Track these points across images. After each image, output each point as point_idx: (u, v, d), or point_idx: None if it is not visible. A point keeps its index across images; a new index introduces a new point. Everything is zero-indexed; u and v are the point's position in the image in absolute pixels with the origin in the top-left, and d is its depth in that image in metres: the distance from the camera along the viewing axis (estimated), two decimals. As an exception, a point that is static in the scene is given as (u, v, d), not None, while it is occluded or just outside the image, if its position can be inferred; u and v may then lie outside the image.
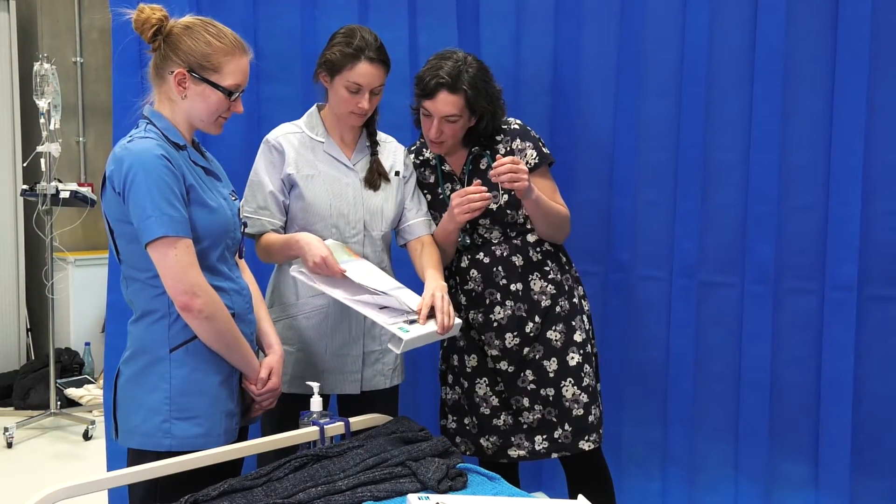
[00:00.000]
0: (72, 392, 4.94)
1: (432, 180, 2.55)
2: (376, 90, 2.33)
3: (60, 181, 4.84)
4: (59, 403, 4.75)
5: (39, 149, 4.67)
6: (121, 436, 2.00)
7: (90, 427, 4.51)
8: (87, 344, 5.34)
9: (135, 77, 2.57)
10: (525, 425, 2.48)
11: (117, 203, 1.92)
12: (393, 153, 2.49)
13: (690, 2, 2.72)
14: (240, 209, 2.14)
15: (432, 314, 2.21)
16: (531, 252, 2.50)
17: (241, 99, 2.03)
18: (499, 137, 2.50)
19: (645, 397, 2.90)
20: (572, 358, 2.47)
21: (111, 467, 2.61)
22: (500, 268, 2.48)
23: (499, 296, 2.48)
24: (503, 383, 2.49)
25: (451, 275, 2.55)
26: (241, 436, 2.11)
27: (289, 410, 2.26)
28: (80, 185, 5.04)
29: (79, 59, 5.72)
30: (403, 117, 2.82)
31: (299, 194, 2.35)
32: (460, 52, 2.43)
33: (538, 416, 2.47)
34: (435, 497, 1.80)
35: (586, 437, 2.46)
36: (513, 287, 2.47)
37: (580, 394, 2.46)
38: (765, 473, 2.75)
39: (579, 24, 2.87)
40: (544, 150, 2.51)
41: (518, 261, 2.48)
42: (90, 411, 4.78)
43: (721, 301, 2.78)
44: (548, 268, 2.50)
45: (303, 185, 2.34)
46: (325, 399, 2.41)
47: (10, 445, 4.39)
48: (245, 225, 2.20)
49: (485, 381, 2.51)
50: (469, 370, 2.52)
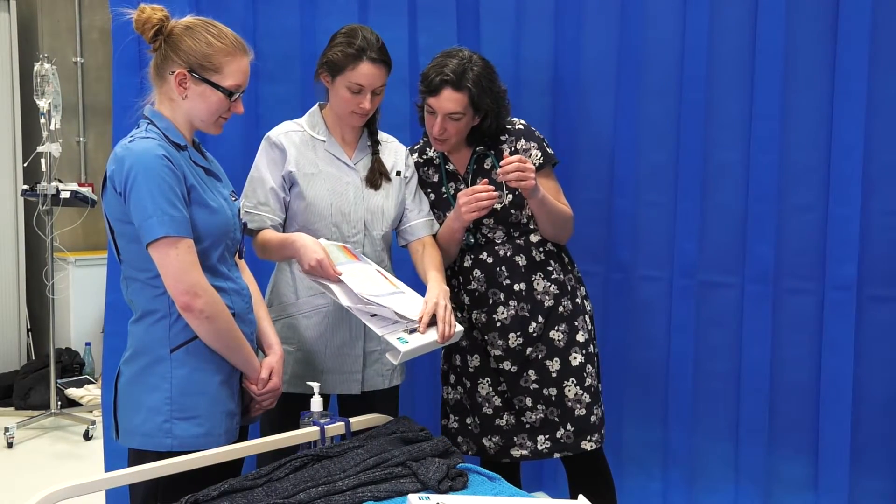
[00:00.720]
0: (72, 392, 4.94)
1: (436, 179, 2.54)
2: (378, 90, 2.33)
3: (61, 181, 4.84)
4: (59, 403, 4.75)
5: (40, 149, 4.67)
6: (121, 436, 2.00)
7: (90, 427, 4.51)
8: (88, 344, 5.34)
9: (134, 77, 2.57)
10: (528, 425, 2.48)
11: (118, 203, 1.91)
12: (394, 153, 2.48)
13: (690, 2, 2.72)
14: (240, 209, 2.13)
15: (433, 321, 2.19)
16: (534, 252, 2.49)
17: (241, 99, 2.03)
18: (503, 137, 2.50)
19: (645, 397, 2.90)
20: (575, 358, 2.47)
21: (109, 467, 2.61)
22: (504, 268, 2.47)
23: (502, 296, 2.47)
24: (506, 383, 2.49)
25: (453, 274, 2.55)
26: (241, 436, 2.11)
27: (288, 410, 2.26)
28: (81, 185, 5.05)
29: (79, 59, 5.72)
30: (403, 117, 2.83)
31: (300, 193, 2.34)
32: (466, 51, 2.42)
33: (540, 415, 2.47)
34: (435, 497, 1.80)
35: (588, 438, 2.46)
36: (516, 287, 2.47)
37: (582, 394, 2.46)
38: (764, 473, 2.75)
39: (579, 24, 2.87)
40: (549, 151, 2.51)
41: (521, 261, 2.48)
42: (90, 411, 4.77)
43: (721, 301, 2.78)
44: (551, 268, 2.50)
45: (303, 184, 2.34)
46: (325, 399, 2.41)
47: (10, 445, 4.39)
48: (245, 225, 2.20)
49: (487, 380, 2.51)
50: (472, 370, 2.52)
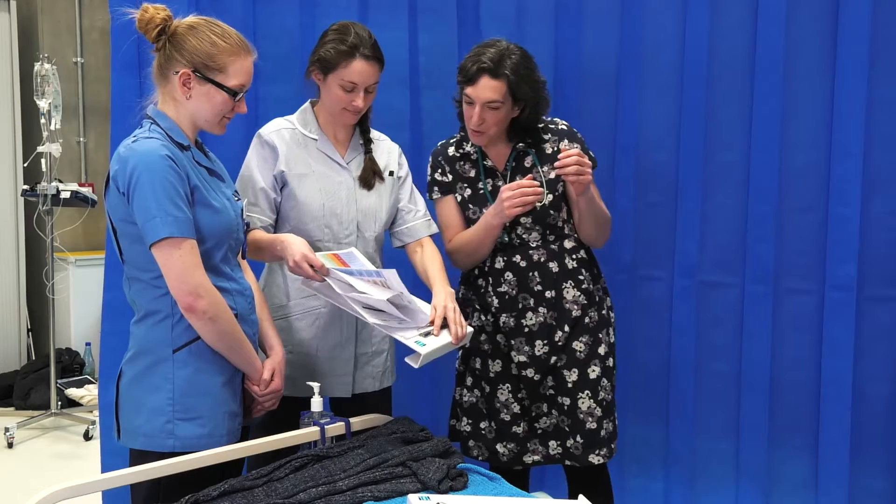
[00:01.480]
0: (72, 392, 4.94)
1: (472, 174, 2.47)
2: (371, 88, 2.30)
3: (61, 181, 4.84)
4: (59, 403, 4.75)
5: (40, 149, 4.68)
6: (123, 436, 1.99)
7: (91, 427, 4.52)
8: (88, 344, 5.35)
9: (133, 78, 2.57)
10: (540, 430, 2.45)
11: (121, 203, 1.90)
12: (387, 152, 2.46)
13: (690, 2, 2.72)
14: (242, 209, 2.12)
15: (444, 324, 2.17)
16: (567, 259, 2.44)
17: (244, 98, 2.02)
18: (546, 136, 2.45)
19: (646, 397, 2.90)
20: (593, 371, 2.43)
21: (106, 467, 2.60)
22: (536, 273, 2.42)
23: (532, 301, 2.42)
24: (526, 390, 2.45)
25: (482, 275, 2.48)
26: (243, 437, 2.10)
27: (280, 413, 2.21)
28: (81, 185, 5.05)
29: (79, 59, 5.73)
30: (403, 117, 2.83)
31: (291, 193, 2.31)
32: (504, 41, 2.37)
33: (553, 421, 2.44)
34: (435, 497, 1.80)
35: (597, 451, 2.42)
36: (547, 294, 2.42)
37: (595, 407, 2.42)
38: (765, 473, 2.75)
39: (579, 24, 2.87)
40: (590, 153, 2.46)
41: (554, 267, 2.43)
42: (90, 411, 4.78)
43: (721, 301, 2.78)
44: (582, 276, 2.45)
45: (295, 184, 2.31)
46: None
47: (10, 445, 4.39)
48: (248, 225, 2.19)
49: (507, 387, 2.45)
50: (492, 375, 2.46)
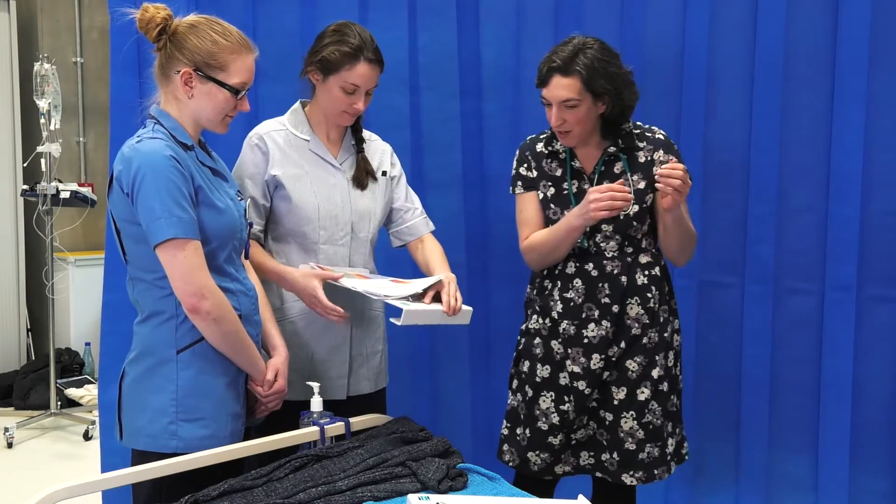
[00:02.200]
0: (72, 392, 4.94)
1: (558, 174, 2.40)
2: (371, 90, 2.30)
3: (61, 181, 4.84)
4: (59, 403, 4.75)
5: (40, 149, 4.67)
6: (126, 437, 1.99)
7: (90, 427, 4.51)
8: (88, 344, 5.34)
9: (133, 78, 2.57)
10: (574, 441, 2.39)
11: (125, 204, 1.90)
12: (380, 153, 2.45)
13: (690, 2, 2.72)
14: (246, 210, 2.11)
15: (438, 299, 2.17)
16: (638, 274, 2.35)
17: (246, 97, 2.01)
18: (641, 144, 2.38)
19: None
20: (642, 392, 2.34)
21: (106, 467, 2.60)
22: (606, 285, 2.34)
23: (597, 313, 2.34)
24: (571, 403, 2.36)
25: (550, 276, 2.41)
26: (246, 438, 2.09)
27: (275, 415, 2.18)
28: (81, 185, 5.05)
29: (79, 59, 5.72)
30: (403, 117, 2.83)
31: (285, 195, 2.29)
32: (579, 37, 2.29)
33: (589, 432, 2.38)
34: (435, 497, 1.80)
35: (632, 472, 2.33)
36: (614, 308, 2.34)
37: (637, 429, 2.33)
38: (765, 473, 2.75)
39: (579, 24, 2.86)
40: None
41: (624, 281, 2.34)
42: (90, 411, 4.77)
43: (721, 301, 2.78)
44: (650, 294, 2.35)
45: (289, 187, 2.29)
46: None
47: (10, 445, 4.39)
48: (251, 225, 2.18)
49: (551, 395, 2.37)
50: (538, 380, 2.39)
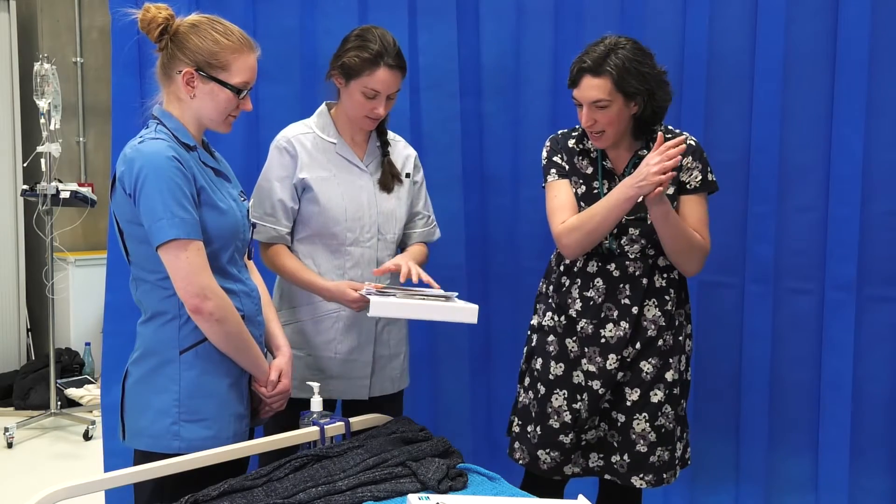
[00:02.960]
0: (72, 392, 4.94)
1: (589, 172, 2.38)
2: (393, 95, 2.31)
3: (61, 181, 4.84)
4: (59, 403, 4.75)
5: (40, 149, 4.67)
6: (128, 437, 1.99)
7: (90, 427, 4.51)
8: (88, 344, 5.35)
9: (134, 78, 2.57)
10: (584, 442, 2.38)
11: (128, 204, 1.90)
12: (404, 157, 2.46)
13: (690, 2, 2.72)
14: (248, 210, 2.12)
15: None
16: (657, 276, 2.35)
17: (249, 96, 2.01)
18: None
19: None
20: (655, 395, 2.34)
21: (108, 467, 2.60)
22: (627, 286, 2.34)
23: (616, 314, 2.34)
24: (584, 402, 2.35)
25: (568, 273, 2.40)
26: (249, 439, 2.09)
27: (295, 415, 2.22)
28: (81, 185, 5.05)
29: (79, 59, 5.72)
30: (403, 117, 2.83)
31: (314, 198, 2.31)
32: (612, 36, 2.27)
33: (600, 433, 2.37)
34: (435, 497, 1.80)
35: (641, 475, 2.33)
36: (633, 309, 2.33)
37: (650, 431, 2.33)
38: (764, 473, 2.75)
39: (579, 24, 2.87)
40: (710, 178, 2.35)
41: (644, 283, 2.34)
42: (90, 411, 4.78)
43: (721, 301, 2.78)
44: (668, 297, 2.35)
45: (318, 189, 2.31)
46: (332, 404, 2.39)
47: (10, 445, 4.39)
48: (254, 226, 2.18)
49: (564, 393, 2.36)
50: (551, 378, 2.38)
